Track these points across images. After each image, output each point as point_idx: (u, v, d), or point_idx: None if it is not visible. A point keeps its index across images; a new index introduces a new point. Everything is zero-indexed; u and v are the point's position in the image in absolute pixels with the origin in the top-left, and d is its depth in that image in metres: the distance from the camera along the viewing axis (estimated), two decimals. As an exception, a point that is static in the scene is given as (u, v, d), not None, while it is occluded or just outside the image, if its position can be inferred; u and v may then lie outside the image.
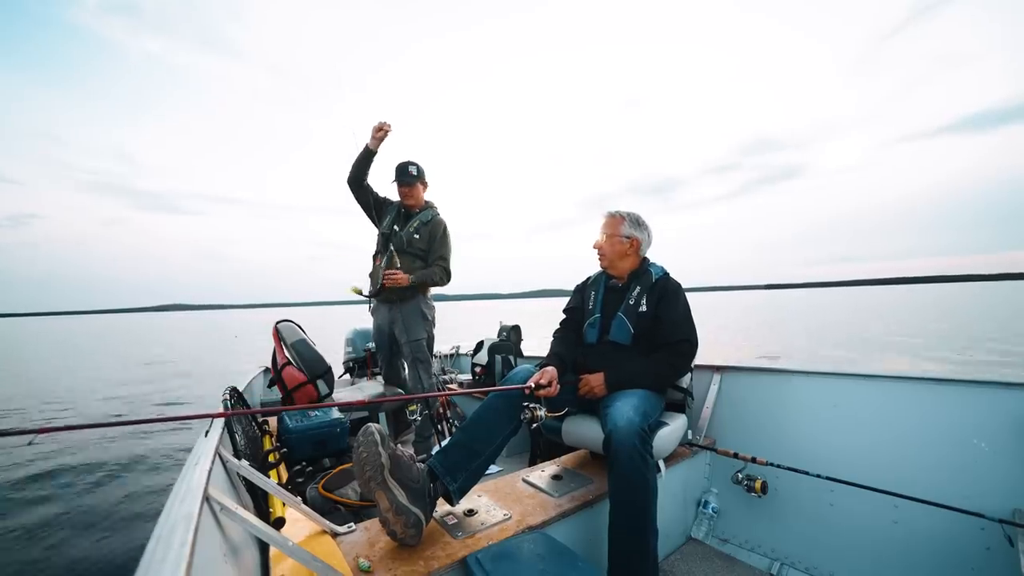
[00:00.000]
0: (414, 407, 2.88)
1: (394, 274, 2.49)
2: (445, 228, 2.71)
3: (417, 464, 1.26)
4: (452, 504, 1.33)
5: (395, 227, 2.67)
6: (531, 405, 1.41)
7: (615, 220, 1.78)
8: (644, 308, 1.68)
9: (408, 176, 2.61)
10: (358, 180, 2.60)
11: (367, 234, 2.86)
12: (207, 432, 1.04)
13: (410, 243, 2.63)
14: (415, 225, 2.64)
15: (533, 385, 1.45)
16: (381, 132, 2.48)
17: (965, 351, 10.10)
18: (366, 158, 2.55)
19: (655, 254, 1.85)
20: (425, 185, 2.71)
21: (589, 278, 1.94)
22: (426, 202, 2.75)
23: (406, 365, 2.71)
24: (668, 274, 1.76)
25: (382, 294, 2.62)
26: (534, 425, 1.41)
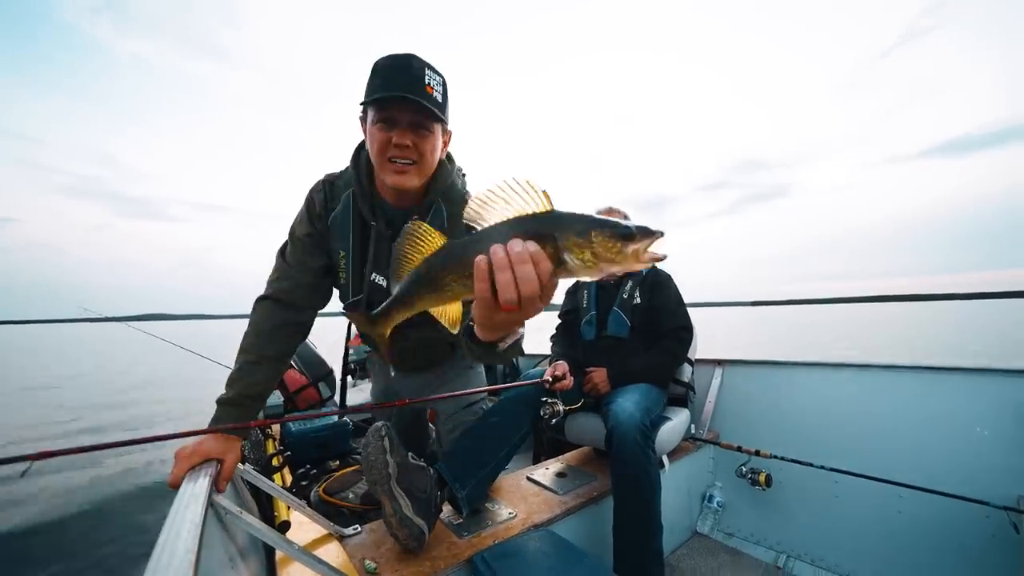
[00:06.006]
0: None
1: None
2: None
3: (428, 470, 1.22)
4: (460, 514, 1.29)
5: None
6: (550, 400, 1.40)
7: (618, 216, 1.79)
8: (638, 300, 1.72)
9: None
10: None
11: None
12: None
13: None
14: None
15: (550, 379, 1.43)
16: None
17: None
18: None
19: None
20: None
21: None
22: None
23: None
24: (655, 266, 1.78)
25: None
26: (554, 421, 1.40)
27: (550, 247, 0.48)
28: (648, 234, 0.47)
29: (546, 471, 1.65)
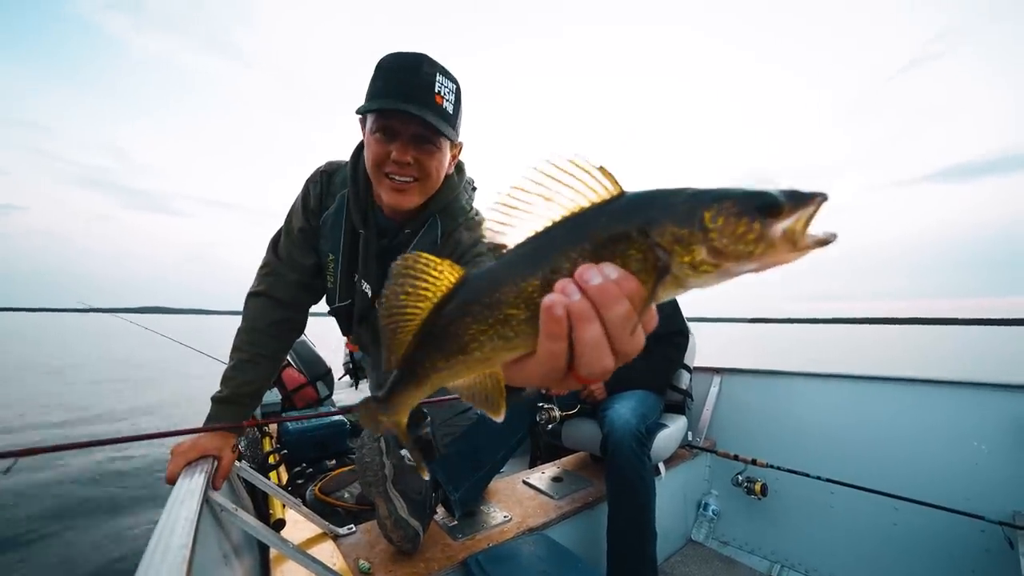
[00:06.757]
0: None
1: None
2: None
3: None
4: (454, 516, 1.30)
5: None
6: (546, 406, 1.41)
7: None
8: None
9: None
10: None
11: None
12: None
13: None
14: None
15: None
16: None
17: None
18: None
19: None
20: None
21: None
22: None
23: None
24: None
25: None
26: (550, 426, 1.40)
27: (635, 253, 0.30)
28: (803, 201, 0.27)
29: (542, 475, 1.65)
